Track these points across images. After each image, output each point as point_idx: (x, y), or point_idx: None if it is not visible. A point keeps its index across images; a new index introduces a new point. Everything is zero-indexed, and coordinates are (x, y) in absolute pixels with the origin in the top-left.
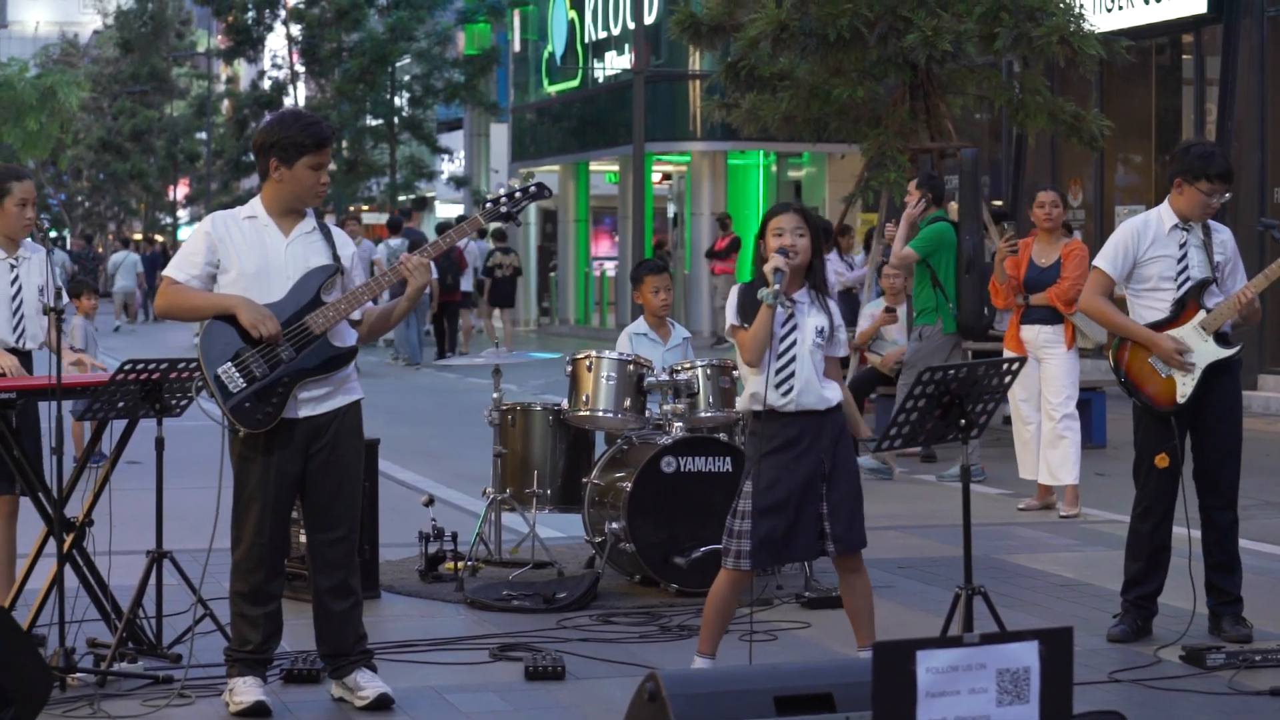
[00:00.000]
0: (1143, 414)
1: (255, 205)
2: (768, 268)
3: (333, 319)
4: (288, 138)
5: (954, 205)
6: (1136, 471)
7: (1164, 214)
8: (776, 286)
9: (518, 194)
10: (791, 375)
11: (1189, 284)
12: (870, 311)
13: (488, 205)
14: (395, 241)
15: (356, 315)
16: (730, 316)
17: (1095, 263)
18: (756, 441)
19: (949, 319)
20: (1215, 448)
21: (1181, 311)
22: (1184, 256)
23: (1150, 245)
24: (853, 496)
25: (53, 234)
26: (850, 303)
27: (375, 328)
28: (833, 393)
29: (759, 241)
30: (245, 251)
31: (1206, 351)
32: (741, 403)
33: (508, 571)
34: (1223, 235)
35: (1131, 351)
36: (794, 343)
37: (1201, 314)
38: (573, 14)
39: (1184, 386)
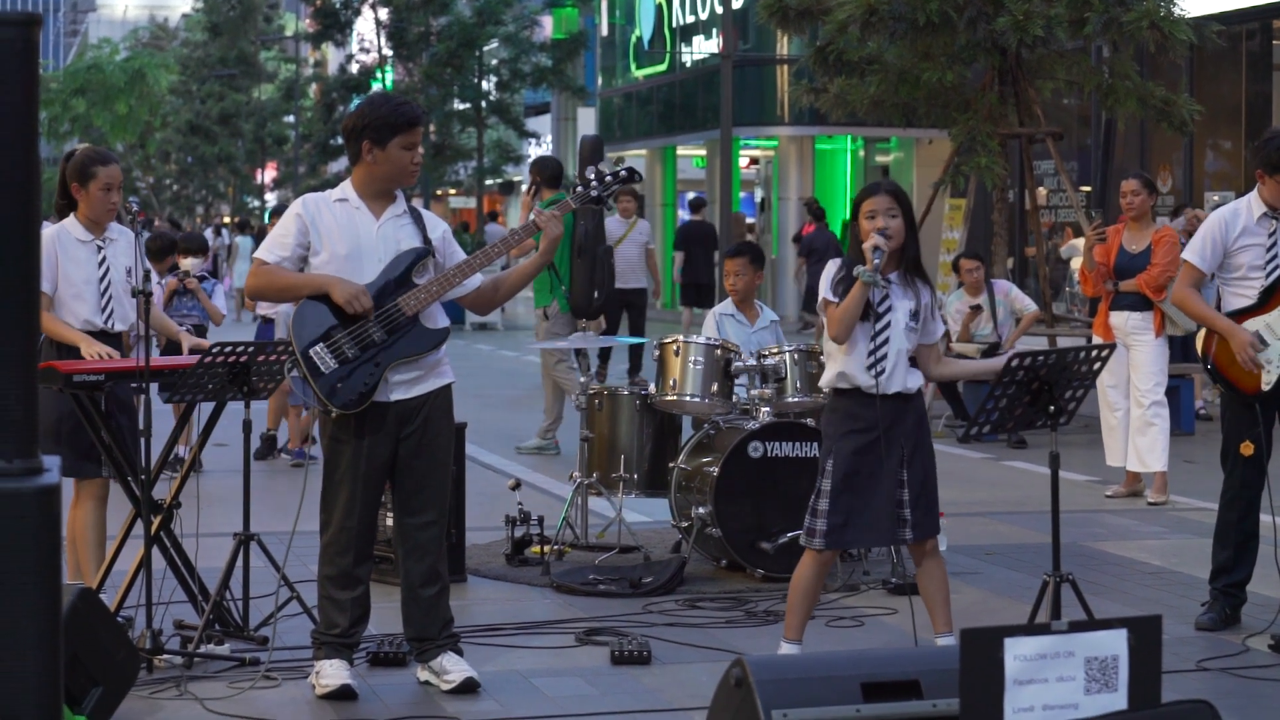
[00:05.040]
0: (1230, 401)
1: (346, 188)
2: (866, 246)
3: (425, 300)
4: (380, 118)
5: (1042, 191)
6: (1224, 459)
7: (1253, 202)
8: (876, 262)
9: (608, 178)
10: (884, 358)
11: (1278, 272)
12: (956, 306)
13: (578, 189)
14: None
15: (473, 284)
16: (824, 290)
17: (1184, 255)
18: (837, 419)
19: (563, 300)
20: None
21: (1269, 299)
22: (1274, 245)
23: (1240, 235)
24: (930, 482)
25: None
26: None
27: (505, 292)
28: (915, 380)
29: (853, 224)
30: (336, 234)
31: None
32: (825, 380)
33: (594, 556)
34: None
35: (1219, 339)
36: (888, 324)
37: None
38: None
39: (1269, 374)
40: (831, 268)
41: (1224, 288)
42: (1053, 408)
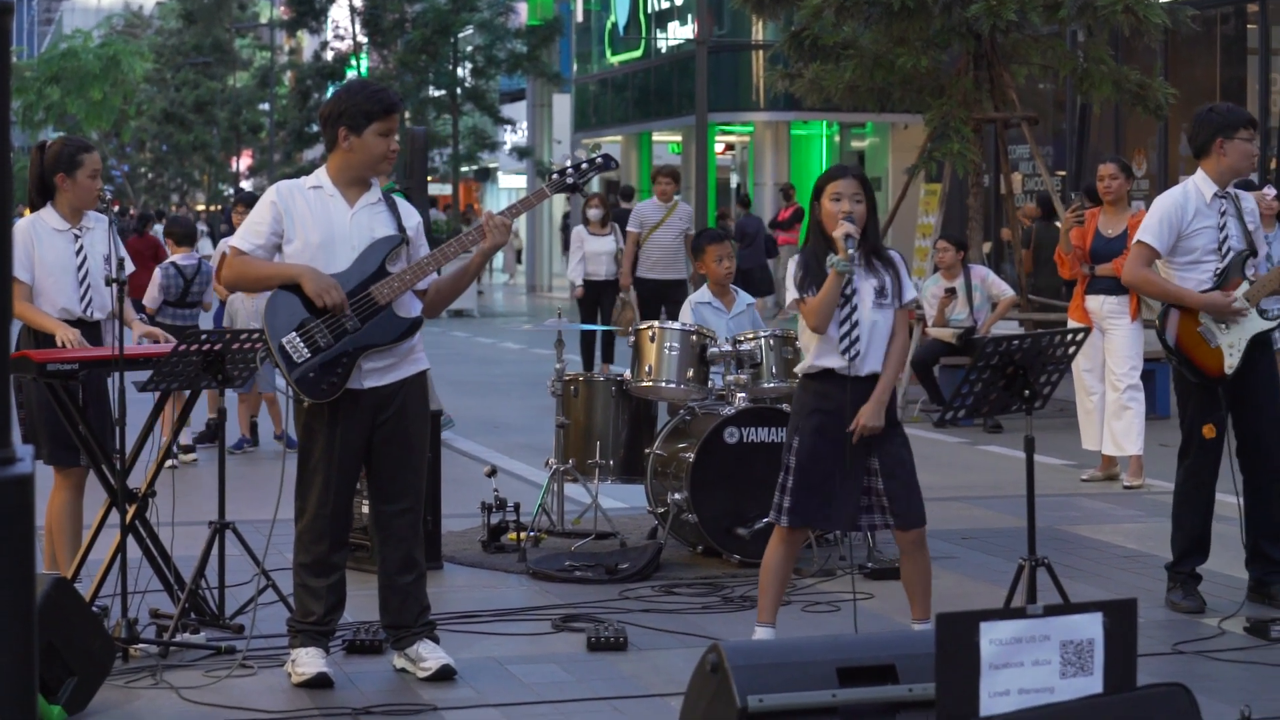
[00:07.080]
0: (1191, 392)
1: (320, 175)
2: (838, 234)
3: (398, 289)
4: (355, 105)
5: (1017, 176)
6: (1185, 452)
7: (1201, 184)
8: (851, 252)
9: (584, 165)
10: (856, 340)
11: (1231, 255)
12: (932, 291)
13: (554, 176)
14: None
15: (422, 285)
16: (792, 291)
17: (1139, 237)
18: (805, 399)
19: None
20: (1265, 417)
21: (1224, 284)
22: (1224, 227)
23: (1193, 217)
24: (909, 471)
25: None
26: None
27: (445, 294)
28: None
29: (813, 204)
30: (310, 222)
31: (1251, 324)
32: (800, 366)
33: (570, 542)
34: (1249, 204)
35: (1181, 323)
36: (855, 308)
37: (1245, 286)
38: None
39: (1231, 358)
40: (793, 266)
41: (1176, 273)
42: (1027, 392)
